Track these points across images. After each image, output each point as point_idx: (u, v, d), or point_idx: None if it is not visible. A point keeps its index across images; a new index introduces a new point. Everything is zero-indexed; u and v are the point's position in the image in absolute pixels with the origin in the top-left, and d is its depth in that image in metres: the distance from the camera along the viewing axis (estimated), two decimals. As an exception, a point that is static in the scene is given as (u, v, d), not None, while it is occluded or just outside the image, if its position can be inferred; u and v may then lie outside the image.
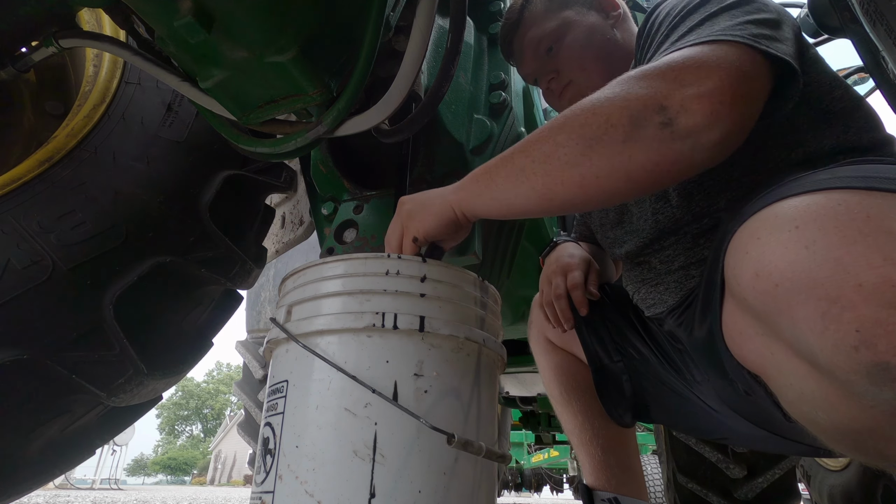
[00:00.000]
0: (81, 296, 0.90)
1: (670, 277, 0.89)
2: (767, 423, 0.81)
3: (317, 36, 0.70)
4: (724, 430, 0.95)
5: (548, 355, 1.15)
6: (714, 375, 0.80)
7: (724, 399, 0.84)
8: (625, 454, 1.04)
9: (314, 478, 0.51)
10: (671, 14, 0.75)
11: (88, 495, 7.51)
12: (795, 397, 0.52)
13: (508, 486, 8.11)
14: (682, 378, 0.93)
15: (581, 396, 1.08)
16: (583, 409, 1.07)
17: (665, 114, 0.56)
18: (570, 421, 1.09)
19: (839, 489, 2.09)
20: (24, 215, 0.93)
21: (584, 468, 1.07)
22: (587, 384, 1.07)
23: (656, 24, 0.78)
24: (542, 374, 1.18)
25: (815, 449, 0.85)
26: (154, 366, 0.99)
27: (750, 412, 0.81)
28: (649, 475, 5.31)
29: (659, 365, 0.97)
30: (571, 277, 1.05)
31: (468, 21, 1.26)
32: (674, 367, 0.94)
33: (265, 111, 0.77)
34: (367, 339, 0.55)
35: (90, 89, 1.15)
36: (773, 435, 0.83)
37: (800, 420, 0.54)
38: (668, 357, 0.95)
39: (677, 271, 0.87)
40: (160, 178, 1.05)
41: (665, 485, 1.82)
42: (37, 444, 0.91)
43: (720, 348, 0.66)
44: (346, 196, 1.14)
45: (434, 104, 0.85)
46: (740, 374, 0.66)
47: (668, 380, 0.97)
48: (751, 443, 1.00)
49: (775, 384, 0.56)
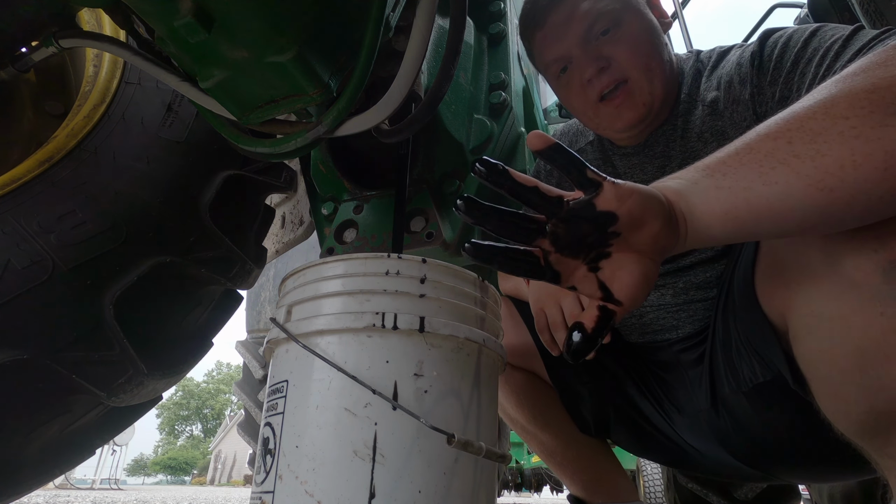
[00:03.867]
0: (81, 296, 0.90)
1: (698, 305, 0.85)
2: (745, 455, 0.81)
3: (317, 36, 0.70)
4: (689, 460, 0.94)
5: (505, 381, 0.96)
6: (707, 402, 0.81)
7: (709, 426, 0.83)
8: (609, 461, 1.01)
9: (314, 478, 0.51)
10: (823, 37, 0.69)
11: (88, 495, 7.51)
12: (816, 323, 0.52)
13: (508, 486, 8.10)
14: (659, 407, 0.91)
15: (556, 415, 0.98)
16: (560, 426, 0.98)
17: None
18: (550, 442, 0.99)
19: (839, 489, 2.09)
20: (24, 215, 0.93)
21: (572, 483, 1.01)
22: (555, 401, 0.98)
23: (798, 47, 0.71)
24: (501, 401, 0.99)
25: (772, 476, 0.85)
26: (154, 366, 0.99)
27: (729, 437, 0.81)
28: (649, 475, 5.32)
29: (634, 390, 0.92)
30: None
31: (468, 21, 1.26)
32: (652, 395, 0.92)
33: (265, 111, 0.77)
34: (368, 339, 0.55)
35: (90, 89, 1.15)
36: (745, 466, 0.83)
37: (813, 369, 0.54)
38: (647, 385, 0.92)
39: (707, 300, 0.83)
40: (160, 178, 1.05)
41: (665, 485, 1.82)
42: (37, 444, 0.91)
43: (752, 301, 0.64)
44: (346, 196, 1.14)
45: (434, 104, 0.85)
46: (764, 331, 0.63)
47: (642, 406, 0.93)
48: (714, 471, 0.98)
49: (796, 329, 0.56)
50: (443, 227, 1.02)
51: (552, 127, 2.08)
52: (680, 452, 0.93)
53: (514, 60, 1.34)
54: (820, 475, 0.93)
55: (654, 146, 0.89)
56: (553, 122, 2.13)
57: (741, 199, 0.45)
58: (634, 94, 0.82)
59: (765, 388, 0.71)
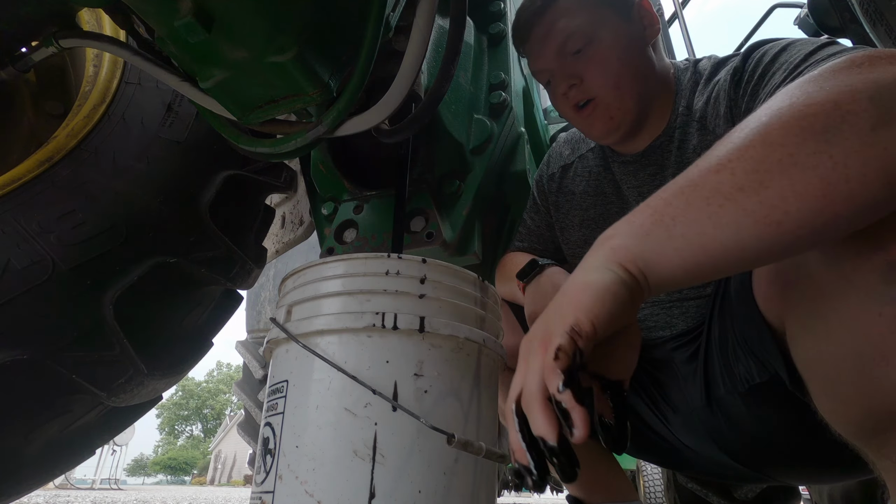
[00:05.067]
0: (81, 296, 0.90)
1: (691, 303, 0.86)
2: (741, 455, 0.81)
3: (317, 36, 0.70)
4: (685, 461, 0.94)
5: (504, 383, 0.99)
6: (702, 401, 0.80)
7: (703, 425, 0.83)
8: (608, 461, 1.01)
9: (314, 478, 0.51)
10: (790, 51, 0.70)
11: (88, 495, 7.51)
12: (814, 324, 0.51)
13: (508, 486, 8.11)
14: (654, 408, 0.91)
15: None
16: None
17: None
18: None
19: (839, 489, 2.08)
20: (24, 215, 0.93)
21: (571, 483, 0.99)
22: None
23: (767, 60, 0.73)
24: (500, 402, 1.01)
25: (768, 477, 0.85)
26: (154, 366, 0.99)
27: (725, 437, 0.81)
28: (649, 475, 5.31)
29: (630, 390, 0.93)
30: None
31: (468, 21, 1.26)
32: (647, 396, 0.92)
33: (265, 111, 0.77)
34: (368, 339, 0.55)
35: (90, 89, 1.15)
36: (741, 466, 0.83)
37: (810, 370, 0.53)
38: (642, 385, 0.92)
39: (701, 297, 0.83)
40: (160, 178, 1.05)
41: (665, 485, 1.82)
42: (37, 444, 0.91)
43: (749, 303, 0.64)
44: (346, 196, 1.14)
45: (434, 104, 0.85)
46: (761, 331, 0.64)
47: (638, 407, 0.93)
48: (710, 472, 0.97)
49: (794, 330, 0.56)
50: (443, 227, 1.02)
51: (552, 127, 2.08)
52: (676, 453, 0.93)
53: (514, 60, 1.34)
54: (817, 476, 0.93)
55: (650, 156, 0.90)
56: (553, 123, 2.13)
57: (697, 247, 0.44)
58: (602, 110, 0.86)
59: (761, 389, 0.71)
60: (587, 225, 0.99)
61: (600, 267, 0.46)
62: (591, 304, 0.44)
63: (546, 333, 0.45)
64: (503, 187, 1.22)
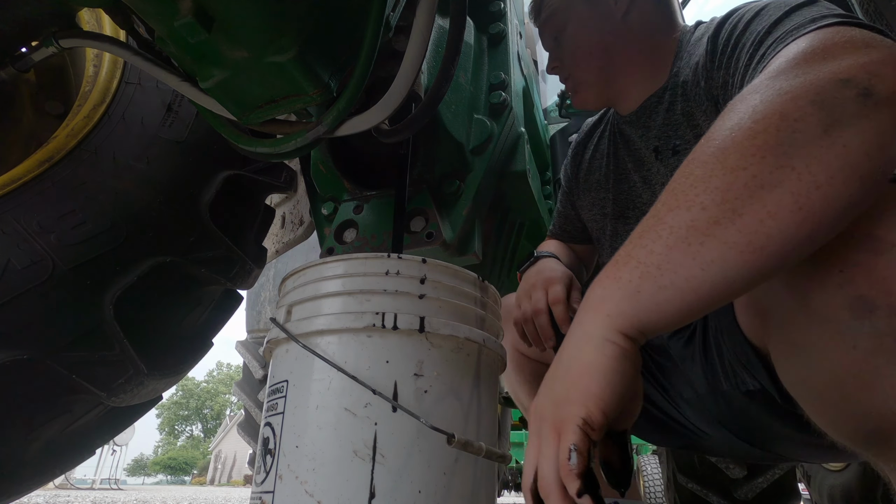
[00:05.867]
0: (81, 296, 0.90)
1: None
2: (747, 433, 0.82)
3: (317, 36, 0.70)
4: (700, 443, 0.95)
5: (521, 371, 1.03)
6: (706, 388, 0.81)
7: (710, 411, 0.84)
8: None
9: (314, 478, 0.51)
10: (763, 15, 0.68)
11: (88, 495, 7.51)
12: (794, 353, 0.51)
13: (508, 486, 8.10)
14: (665, 394, 0.92)
15: None
16: None
17: (853, 85, 0.43)
18: None
19: (839, 489, 2.09)
20: (24, 215, 0.93)
21: None
22: None
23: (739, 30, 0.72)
24: (516, 391, 1.06)
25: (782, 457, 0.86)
26: (154, 366, 0.99)
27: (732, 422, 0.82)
28: (649, 475, 5.32)
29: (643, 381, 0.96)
30: (553, 292, 0.91)
31: (468, 21, 1.26)
32: (655, 381, 0.93)
33: (265, 111, 0.77)
34: (368, 339, 0.55)
35: (90, 89, 1.15)
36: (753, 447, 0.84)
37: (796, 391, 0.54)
38: (648, 370, 0.94)
39: None
40: (160, 178, 1.05)
41: (665, 485, 1.82)
42: (37, 444, 0.91)
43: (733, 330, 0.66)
44: (346, 196, 1.14)
45: (434, 104, 0.85)
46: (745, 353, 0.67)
47: (650, 392, 0.95)
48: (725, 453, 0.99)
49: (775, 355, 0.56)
50: (443, 227, 1.02)
51: (552, 127, 2.08)
52: (691, 436, 0.94)
53: (514, 60, 1.34)
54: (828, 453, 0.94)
55: (642, 115, 0.95)
56: (553, 123, 2.12)
57: (688, 292, 0.44)
58: (572, 84, 1.01)
59: (757, 394, 0.72)
60: (592, 187, 1.07)
61: (600, 340, 0.45)
62: (601, 392, 0.43)
63: (557, 420, 0.44)
64: (503, 187, 1.22)
